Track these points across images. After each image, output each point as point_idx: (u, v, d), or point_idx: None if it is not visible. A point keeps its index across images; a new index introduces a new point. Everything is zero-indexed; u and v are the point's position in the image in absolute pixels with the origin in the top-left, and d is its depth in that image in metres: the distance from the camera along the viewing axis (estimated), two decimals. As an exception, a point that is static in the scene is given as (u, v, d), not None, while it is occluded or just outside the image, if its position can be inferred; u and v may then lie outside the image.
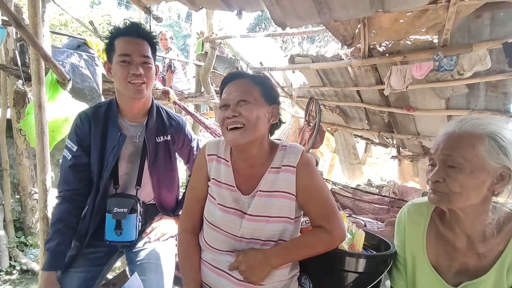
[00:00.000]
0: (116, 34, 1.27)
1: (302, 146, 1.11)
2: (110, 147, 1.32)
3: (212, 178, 1.12)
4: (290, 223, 1.07)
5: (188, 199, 1.20)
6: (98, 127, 1.33)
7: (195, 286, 1.08)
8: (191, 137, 1.56)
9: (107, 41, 1.30)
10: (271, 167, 1.07)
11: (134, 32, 1.27)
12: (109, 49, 1.29)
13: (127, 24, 1.30)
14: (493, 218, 0.89)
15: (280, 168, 1.06)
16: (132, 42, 1.26)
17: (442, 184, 0.89)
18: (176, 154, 1.55)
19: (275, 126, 1.13)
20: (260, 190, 1.06)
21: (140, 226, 1.38)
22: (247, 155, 1.08)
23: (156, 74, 1.37)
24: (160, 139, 1.42)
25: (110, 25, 9.77)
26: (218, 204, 1.08)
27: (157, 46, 1.38)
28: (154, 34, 1.37)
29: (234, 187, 1.08)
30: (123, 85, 1.27)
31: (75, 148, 1.32)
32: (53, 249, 1.22)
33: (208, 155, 1.14)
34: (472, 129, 0.87)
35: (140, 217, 1.36)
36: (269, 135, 1.13)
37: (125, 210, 1.30)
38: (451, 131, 0.90)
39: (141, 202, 1.39)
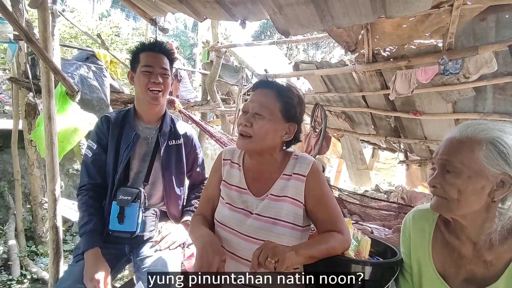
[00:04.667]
0: (142, 49, 1.49)
1: (312, 158, 1.15)
2: (125, 145, 1.46)
3: (223, 180, 1.20)
4: (297, 230, 1.08)
5: (201, 199, 1.30)
6: (115, 128, 1.49)
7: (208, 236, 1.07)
8: (197, 146, 1.69)
9: (132, 54, 1.52)
10: (283, 174, 1.12)
11: (157, 48, 1.49)
12: (134, 61, 1.49)
13: (151, 42, 1.56)
14: (499, 225, 0.87)
15: (291, 175, 1.11)
16: (154, 56, 1.47)
17: (439, 189, 0.88)
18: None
19: (290, 141, 1.16)
20: (271, 194, 1.11)
21: (142, 219, 1.45)
22: (257, 162, 1.15)
23: (171, 85, 1.57)
24: (172, 142, 1.56)
25: (119, 36, 10.56)
26: (226, 203, 1.16)
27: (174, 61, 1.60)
28: (172, 51, 1.60)
29: (246, 189, 1.15)
30: (143, 91, 1.45)
31: (95, 146, 1.48)
32: (91, 229, 1.34)
33: (224, 159, 1.23)
34: (473, 134, 0.86)
35: (143, 208, 1.45)
36: (284, 148, 1.17)
37: (129, 198, 1.41)
38: (453, 136, 0.89)
39: (145, 195, 1.47)
